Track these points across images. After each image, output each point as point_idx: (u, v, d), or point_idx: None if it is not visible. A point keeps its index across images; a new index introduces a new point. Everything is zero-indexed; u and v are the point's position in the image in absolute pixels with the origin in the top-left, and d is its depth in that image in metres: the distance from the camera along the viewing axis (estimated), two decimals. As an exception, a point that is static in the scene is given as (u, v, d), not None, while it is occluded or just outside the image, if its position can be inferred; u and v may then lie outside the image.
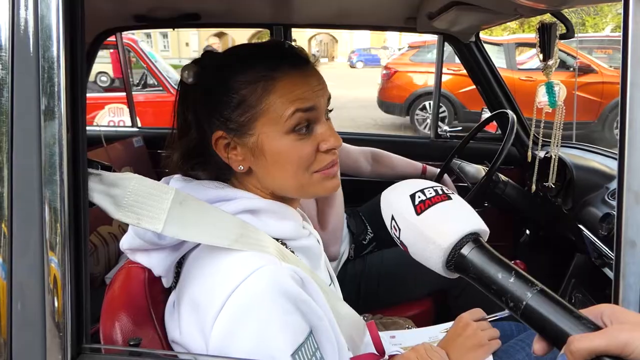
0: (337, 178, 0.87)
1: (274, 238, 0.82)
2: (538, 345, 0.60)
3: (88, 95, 5.07)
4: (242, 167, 0.83)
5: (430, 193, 0.69)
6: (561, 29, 1.44)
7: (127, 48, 5.38)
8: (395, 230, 0.70)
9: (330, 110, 0.88)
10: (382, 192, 0.75)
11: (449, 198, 0.68)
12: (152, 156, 2.51)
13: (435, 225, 0.66)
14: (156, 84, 5.63)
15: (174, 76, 5.76)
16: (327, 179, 0.85)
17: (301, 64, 0.83)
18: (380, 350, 0.98)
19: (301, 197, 0.89)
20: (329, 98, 0.87)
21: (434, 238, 0.65)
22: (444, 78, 2.69)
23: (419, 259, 0.69)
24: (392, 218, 0.70)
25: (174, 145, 0.87)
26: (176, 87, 0.89)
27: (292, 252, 0.84)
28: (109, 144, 2.31)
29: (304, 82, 0.82)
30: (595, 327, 0.56)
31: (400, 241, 0.70)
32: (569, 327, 0.57)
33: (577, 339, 0.55)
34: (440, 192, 0.69)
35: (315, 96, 0.82)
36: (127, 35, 5.46)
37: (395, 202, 0.71)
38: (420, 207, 0.67)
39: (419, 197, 0.68)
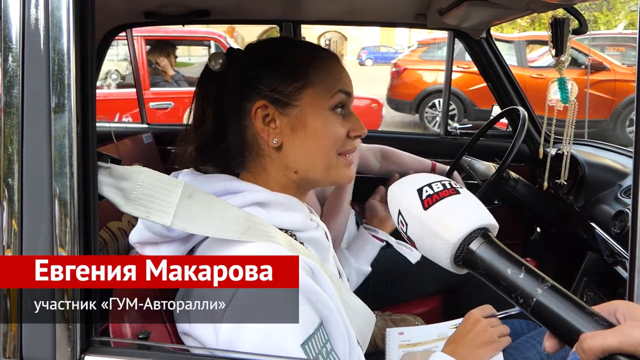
0: (353, 169, 0.91)
1: (283, 229, 0.82)
2: (549, 343, 0.58)
3: (172, 89, 4.82)
4: (277, 141, 0.84)
5: (438, 187, 0.67)
6: (574, 24, 1.42)
7: (216, 43, 5.32)
8: (402, 225, 0.69)
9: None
10: (389, 187, 0.74)
11: (457, 192, 0.67)
12: (162, 152, 2.52)
13: (443, 220, 0.65)
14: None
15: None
16: (347, 166, 0.88)
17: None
18: None
19: (323, 180, 0.89)
20: None
21: (441, 233, 0.64)
22: (454, 76, 2.67)
23: (426, 255, 0.67)
24: (399, 213, 0.69)
25: (189, 138, 0.88)
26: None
27: (302, 243, 0.84)
28: (119, 140, 2.32)
29: (344, 69, 0.88)
30: (608, 324, 0.55)
31: (408, 236, 0.69)
32: (581, 324, 0.55)
33: (589, 337, 0.53)
34: (448, 186, 0.67)
35: (351, 84, 0.88)
36: (214, 29, 5.35)
37: (402, 197, 0.69)
38: (428, 202, 0.66)
39: (427, 191, 0.67)
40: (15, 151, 0.68)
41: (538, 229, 2.24)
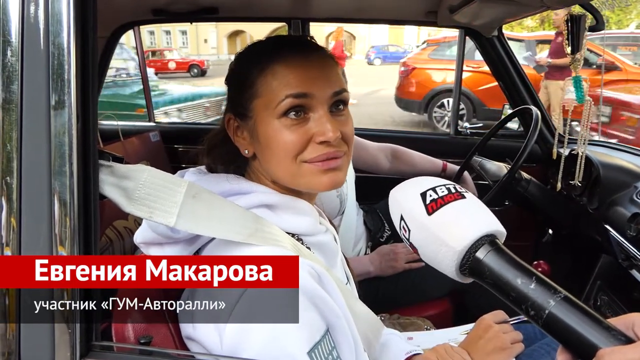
0: (337, 174, 0.81)
1: (290, 233, 0.80)
2: (562, 357, 0.56)
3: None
4: (248, 152, 0.85)
5: (442, 191, 0.64)
6: (589, 20, 1.39)
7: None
8: (405, 231, 0.66)
9: (341, 102, 0.82)
10: (391, 191, 0.70)
11: (463, 197, 0.64)
12: (169, 151, 2.51)
13: (448, 226, 0.62)
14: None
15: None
16: (320, 173, 0.80)
17: (304, 51, 0.82)
18: None
19: (297, 188, 0.84)
20: (340, 92, 0.81)
21: (446, 240, 0.61)
22: (463, 75, 2.62)
23: (430, 262, 0.65)
24: (402, 218, 0.66)
25: (208, 136, 0.91)
26: None
27: (308, 248, 0.82)
28: (126, 139, 2.31)
29: (300, 68, 0.80)
30: (627, 339, 0.52)
31: (410, 243, 0.66)
32: (598, 338, 0.53)
33: (608, 353, 0.51)
34: (454, 191, 0.65)
35: (311, 84, 0.79)
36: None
37: (404, 201, 0.66)
38: (432, 207, 0.63)
39: (431, 195, 0.64)
40: (14, 149, 0.66)
41: (550, 231, 2.20)
